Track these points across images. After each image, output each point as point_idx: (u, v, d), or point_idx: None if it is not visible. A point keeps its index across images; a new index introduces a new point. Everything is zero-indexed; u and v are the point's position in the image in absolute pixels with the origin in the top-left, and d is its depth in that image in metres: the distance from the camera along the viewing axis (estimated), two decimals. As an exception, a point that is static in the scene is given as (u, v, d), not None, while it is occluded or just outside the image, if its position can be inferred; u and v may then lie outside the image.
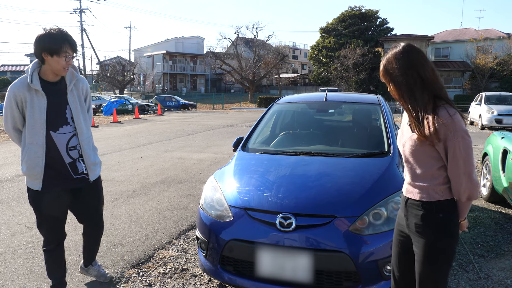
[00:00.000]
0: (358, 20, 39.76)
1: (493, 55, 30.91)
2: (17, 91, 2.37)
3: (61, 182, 2.49)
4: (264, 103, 32.39)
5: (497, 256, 3.45)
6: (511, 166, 4.24)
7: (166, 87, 49.81)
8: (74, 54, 2.40)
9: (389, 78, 1.73)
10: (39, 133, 2.38)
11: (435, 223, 1.71)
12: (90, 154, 2.60)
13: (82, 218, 2.79)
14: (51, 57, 2.32)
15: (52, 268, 2.66)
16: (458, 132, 1.60)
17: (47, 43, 2.29)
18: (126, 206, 4.90)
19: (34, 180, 2.44)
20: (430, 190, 1.71)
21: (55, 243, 2.61)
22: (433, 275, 1.73)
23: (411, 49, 1.70)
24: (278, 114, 4.23)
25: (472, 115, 16.35)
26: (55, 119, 2.42)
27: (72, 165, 2.51)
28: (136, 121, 18.70)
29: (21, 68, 61.94)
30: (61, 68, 2.37)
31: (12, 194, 5.40)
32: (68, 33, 2.38)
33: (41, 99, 2.38)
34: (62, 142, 2.45)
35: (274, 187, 2.68)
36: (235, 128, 15.02)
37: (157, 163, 7.69)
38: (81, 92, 2.59)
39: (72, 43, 2.37)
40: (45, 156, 2.41)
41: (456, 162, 1.62)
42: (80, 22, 43.59)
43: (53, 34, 2.30)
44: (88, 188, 2.64)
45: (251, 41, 45.30)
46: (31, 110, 2.36)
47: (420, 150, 1.70)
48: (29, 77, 2.37)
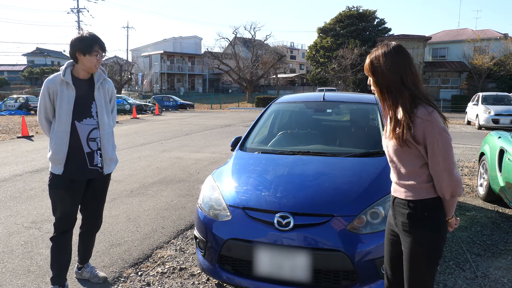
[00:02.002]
0: (355, 20, 39.82)
1: (490, 56, 31.03)
2: (50, 84, 2.65)
3: (78, 170, 2.69)
4: (262, 103, 32.41)
5: (494, 255, 3.47)
6: (508, 165, 4.27)
7: (164, 87, 49.73)
8: (102, 53, 2.68)
9: (371, 73, 1.78)
10: (66, 121, 2.63)
11: (420, 221, 1.71)
12: (109, 149, 2.80)
13: (86, 208, 2.88)
14: (83, 56, 2.61)
15: (55, 259, 2.74)
16: (435, 129, 1.62)
17: (80, 45, 2.60)
18: (124, 205, 4.89)
19: (57, 165, 2.66)
20: (415, 188, 1.72)
21: (65, 228, 2.74)
22: (420, 274, 1.74)
23: (400, 51, 1.74)
24: (276, 114, 4.24)
25: (469, 115, 16.43)
26: (81, 111, 2.68)
27: (90, 155, 2.72)
28: (134, 121, 18.67)
29: (18, 68, 61.73)
30: (93, 66, 2.66)
31: (10, 194, 5.38)
32: (98, 36, 2.69)
33: (71, 92, 2.65)
34: (84, 132, 2.69)
35: (272, 187, 2.69)
36: (233, 128, 15.02)
37: (155, 163, 7.68)
38: (107, 92, 2.85)
39: (102, 43, 2.66)
40: (68, 143, 2.64)
41: (435, 159, 1.64)
42: (77, 22, 43.41)
43: (86, 37, 2.62)
44: (99, 180, 2.81)
45: (249, 41, 45.31)
46: (60, 101, 2.63)
47: (402, 150, 1.71)
48: (62, 72, 2.66)
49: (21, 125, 12.53)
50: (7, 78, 55.40)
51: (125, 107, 25.31)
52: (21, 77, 56.81)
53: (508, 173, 4.22)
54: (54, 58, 63.17)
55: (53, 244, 2.73)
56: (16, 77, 57.70)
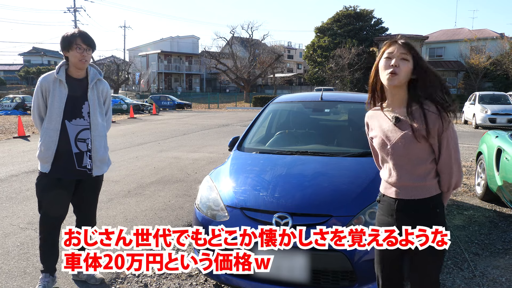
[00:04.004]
0: (353, 20, 39.87)
1: (487, 55, 31.14)
2: (43, 82, 2.66)
3: (65, 169, 2.67)
4: (260, 103, 32.37)
5: (492, 254, 3.48)
6: (505, 165, 4.28)
7: (161, 86, 49.63)
8: (86, 47, 2.60)
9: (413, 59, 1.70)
10: (56, 120, 2.62)
11: (435, 219, 1.73)
12: (100, 150, 2.77)
13: (77, 210, 2.89)
14: (68, 53, 2.61)
15: (43, 253, 2.78)
16: (448, 122, 1.69)
17: (63, 42, 2.61)
18: (121, 206, 4.87)
19: (45, 163, 2.66)
20: (426, 186, 1.73)
21: (48, 228, 2.74)
22: (437, 270, 1.78)
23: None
24: (273, 114, 4.22)
25: (466, 114, 16.47)
26: (72, 111, 2.66)
27: (78, 156, 2.69)
28: (131, 121, 18.62)
29: (15, 68, 61.40)
30: (77, 60, 2.61)
31: (6, 194, 5.35)
32: (83, 31, 2.65)
33: (63, 90, 2.64)
34: (73, 132, 2.67)
35: (270, 187, 2.68)
36: (231, 127, 15.01)
37: (152, 163, 7.65)
38: (101, 93, 2.81)
39: (84, 37, 2.60)
40: (57, 142, 2.62)
41: (449, 153, 1.71)
42: (74, 21, 43.23)
43: (67, 33, 2.61)
44: (88, 182, 2.78)
45: (246, 41, 45.22)
46: (52, 98, 2.63)
47: (415, 147, 1.70)
48: (56, 70, 2.66)
49: (17, 125, 12.47)
50: (3, 78, 55.13)
51: (122, 107, 25.22)
52: (18, 77, 56.51)
53: (506, 172, 4.22)
54: (50, 58, 62.87)
55: (41, 241, 2.76)
56: (13, 77, 57.41)
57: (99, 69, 2.83)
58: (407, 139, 1.71)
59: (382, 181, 1.88)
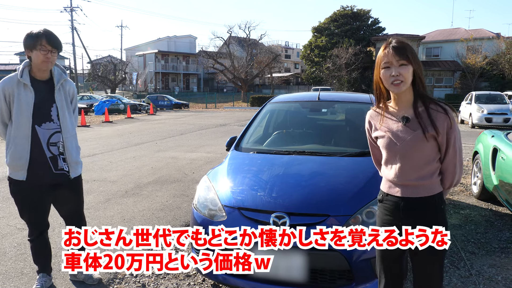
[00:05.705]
0: (350, 20, 39.94)
1: (483, 55, 31.27)
2: (6, 86, 2.50)
3: (42, 175, 2.59)
4: (257, 103, 32.37)
5: (488, 253, 3.50)
6: (501, 164, 4.30)
7: (158, 86, 49.52)
8: (51, 48, 2.47)
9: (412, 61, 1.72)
10: (25, 126, 2.50)
11: (441, 215, 1.77)
12: (73, 152, 2.70)
13: (62, 214, 2.88)
14: (31, 52, 2.47)
15: (36, 256, 2.80)
16: (453, 121, 1.74)
17: (26, 41, 2.47)
18: (118, 206, 4.86)
19: (18, 171, 2.57)
20: (432, 184, 1.77)
21: (37, 233, 2.74)
22: (441, 267, 1.80)
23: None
24: (271, 114, 4.23)
25: (463, 114, 16.54)
26: (40, 115, 2.54)
27: (53, 160, 2.61)
28: (128, 121, 18.57)
29: (11, 67, 60.85)
30: (40, 62, 2.47)
31: (2, 195, 5.33)
32: (50, 30, 2.51)
33: (29, 94, 2.51)
34: (44, 137, 2.57)
35: (268, 187, 2.69)
36: (228, 127, 15.00)
37: (149, 163, 7.64)
38: (68, 93, 2.71)
39: (50, 38, 2.47)
40: (30, 149, 2.53)
41: (455, 151, 1.76)
42: (71, 21, 43.04)
43: (32, 32, 2.47)
44: (68, 184, 2.72)
45: (243, 40, 45.20)
46: (18, 104, 2.48)
47: (424, 146, 1.73)
48: (19, 72, 2.51)
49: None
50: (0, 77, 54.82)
51: (120, 107, 25.15)
52: (14, 77, 56.13)
53: (501, 171, 4.25)
54: (47, 58, 62.46)
55: (31, 244, 2.77)
56: (9, 77, 57.04)
57: (63, 68, 2.72)
58: (417, 139, 1.73)
59: (385, 181, 1.88)
